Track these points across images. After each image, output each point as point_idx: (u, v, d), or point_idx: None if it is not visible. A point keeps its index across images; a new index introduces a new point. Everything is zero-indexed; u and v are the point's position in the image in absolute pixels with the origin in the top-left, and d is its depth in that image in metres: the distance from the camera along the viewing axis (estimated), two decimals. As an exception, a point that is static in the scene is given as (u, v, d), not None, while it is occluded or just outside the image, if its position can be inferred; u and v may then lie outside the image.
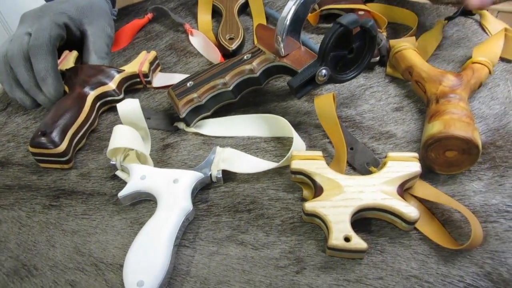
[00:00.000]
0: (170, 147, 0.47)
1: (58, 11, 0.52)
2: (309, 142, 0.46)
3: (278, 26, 0.44)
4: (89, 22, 0.55)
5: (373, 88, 0.52)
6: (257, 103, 0.51)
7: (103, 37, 0.56)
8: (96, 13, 0.56)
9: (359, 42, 0.44)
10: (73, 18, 0.53)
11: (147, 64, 0.52)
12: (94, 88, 0.49)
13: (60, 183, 0.45)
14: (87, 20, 0.55)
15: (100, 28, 0.56)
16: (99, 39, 0.55)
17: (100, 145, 0.48)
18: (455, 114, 0.41)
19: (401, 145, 0.45)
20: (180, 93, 0.47)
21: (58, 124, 0.44)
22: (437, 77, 0.46)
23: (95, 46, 0.54)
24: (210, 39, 0.59)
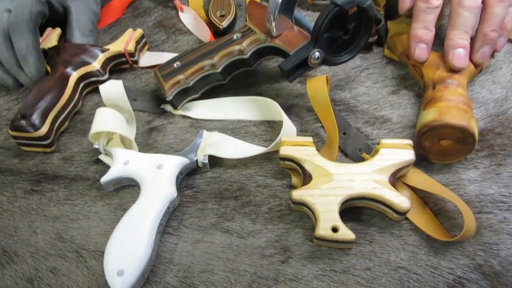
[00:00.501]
0: (156, 131, 0.45)
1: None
2: (300, 126, 0.44)
3: (269, 4, 0.42)
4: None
5: (369, 69, 0.49)
6: (248, 85, 0.49)
7: (87, 14, 0.53)
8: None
9: (356, 23, 0.42)
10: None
11: (133, 43, 0.50)
12: (77, 68, 0.47)
13: (42, 167, 0.43)
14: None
15: (84, 4, 0.53)
16: (83, 15, 0.52)
17: (84, 128, 0.46)
18: (452, 101, 0.39)
19: (396, 130, 0.43)
20: (166, 74, 0.45)
21: (38, 106, 0.42)
22: (435, 61, 0.44)
23: (79, 23, 0.52)
24: (201, 16, 0.56)
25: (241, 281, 0.34)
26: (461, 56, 0.41)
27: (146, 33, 0.56)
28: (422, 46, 0.43)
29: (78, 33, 0.51)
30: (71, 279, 0.35)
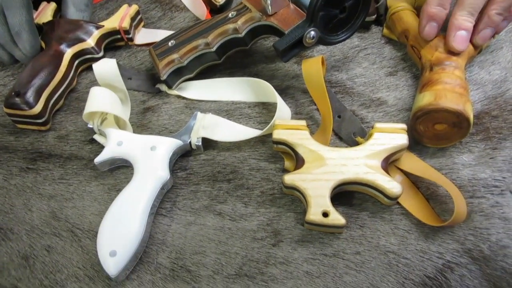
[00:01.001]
0: (151, 111, 0.45)
1: None
2: (295, 108, 0.44)
3: None
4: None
5: (367, 50, 0.49)
6: (243, 65, 0.48)
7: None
8: None
9: (353, 0, 0.41)
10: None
11: (128, 20, 0.49)
12: (71, 45, 0.46)
13: (38, 145, 0.43)
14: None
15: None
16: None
17: (79, 106, 0.46)
18: (448, 84, 0.38)
19: (391, 113, 0.43)
20: (161, 53, 0.44)
21: (32, 84, 0.42)
22: (434, 42, 0.43)
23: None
24: (198, -9, 0.55)
25: (232, 263, 0.35)
26: (463, 38, 0.40)
27: (142, 9, 0.55)
28: (433, 24, 0.42)
29: (73, 8, 0.50)
30: (65, 258, 0.36)
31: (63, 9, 0.51)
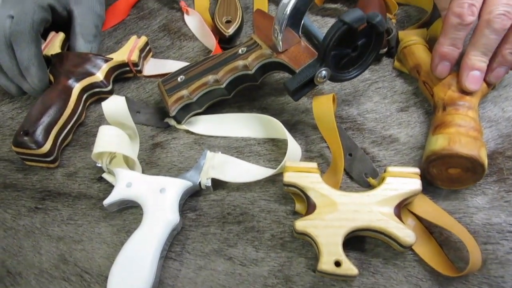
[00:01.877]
0: (160, 147, 0.45)
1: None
2: (305, 145, 0.44)
3: (276, 18, 0.40)
4: (76, 2, 0.51)
5: (378, 83, 0.48)
6: (252, 98, 0.48)
7: (91, 18, 0.52)
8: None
9: (365, 39, 0.41)
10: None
11: (137, 52, 0.48)
12: (80, 79, 0.46)
13: (46, 183, 0.43)
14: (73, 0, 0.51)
15: (88, 7, 0.52)
16: (86, 20, 0.51)
17: (87, 141, 0.46)
18: (462, 127, 0.38)
19: (403, 151, 0.42)
20: (170, 88, 0.44)
21: (41, 122, 0.42)
22: (446, 80, 0.42)
23: (82, 28, 0.50)
24: (206, 19, 0.55)
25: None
26: (477, 79, 0.40)
27: (150, 38, 0.55)
28: (445, 63, 0.41)
29: (81, 39, 0.50)
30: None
31: (71, 40, 0.51)
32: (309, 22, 0.53)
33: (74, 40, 0.50)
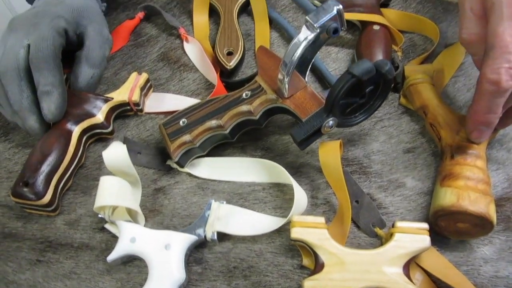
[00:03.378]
0: (162, 192, 0.44)
1: (54, 16, 0.46)
2: (311, 191, 0.43)
3: (282, 63, 0.39)
4: (85, 25, 0.49)
5: (384, 121, 0.47)
6: (256, 137, 0.47)
7: (99, 42, 0.50)
8: (91, 15, 0.50)
9: (373, 86, 0.40)
10: (70, 22, 0.47)
11: (138, 91, 0.47)
12: (79, 121, 0.45)
13: (47, 233, 0.42)
14: (83, 23, 0.49)
15: (97, 32, 0.50)
16: (95, 44, 0.49)
17: (88, 185, 0.45)
18: (470, 180, 0.37)
19: (410, 197, 0.42)
20: (172, 132, 0.43)
21: (41, 171, 0.41)
22: (454, 124, 0.42)
23: (89, 53, 0.48)
24: (206, 48, 0.53)
25: None
26: (484, 133, 0.38)
27: (149, 68, 0.54)
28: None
29: (86, 65, 0.48)
30: None
31: (75, 65, 0.48)
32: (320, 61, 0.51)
33: (78, 65, 0.48)
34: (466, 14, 0.36)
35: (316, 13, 0.37)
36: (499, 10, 0.32)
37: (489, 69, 0.33)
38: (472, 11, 0.35)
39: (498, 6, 0.32)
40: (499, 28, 0.32)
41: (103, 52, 0.50)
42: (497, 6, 0.32)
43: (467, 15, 0.36)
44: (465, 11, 0.36)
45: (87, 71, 0.48)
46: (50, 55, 0.43)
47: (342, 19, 0.38)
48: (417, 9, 0.57)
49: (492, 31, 0.33)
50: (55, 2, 0.48)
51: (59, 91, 0.43)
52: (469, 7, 0.35)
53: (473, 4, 0.35)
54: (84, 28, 0.49)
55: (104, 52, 0.50)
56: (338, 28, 0.38)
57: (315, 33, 0.37)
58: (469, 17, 0.35)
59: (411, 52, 0.53)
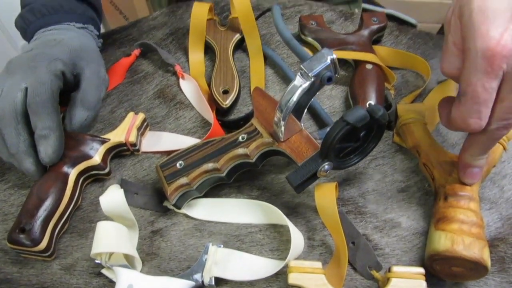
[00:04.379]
0: (159, 235, 0.44)
1: (52, 58, 0.46)
2: (307, 232, 0.43)
3: (279, 107, 0.40)
4: (82, 66, 0.49)
5: (378, 160, 0.48)
6: (252, 177, 0.47)
7: (95, 84, 0.50)
8: (89, 55, 0.51)
9: (367, 130, 0.40)
10: (68, 64, 0.47)
11: (135, 131, 0.47)
12: (76, 164, 0.45)
13: (43, 278, 0.42)
14: (80, 64, 0.49)
15: (93, 73, 0.50)
16: (91, 86, 0.49)
17: (84, 227, 0.45)
18: (464, 223, 0.38)
19: (405, 238, 0.42)
20: (169, 175, 0.43)
21: (38, 217, 0.41)
22: (447, 165, 0.42)
23: (84, 94, 0.49)
24: (202, 86, 0.54)
25: None
26: (475, 175, 0.39)
27: (145, 106, 0.54)
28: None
29: (81, 106, 0.48)
30: None
31: (70, 105, 0.48)
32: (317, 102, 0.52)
33: (73, 106, 0.48)
34: (449, 48, 0.35)
35: (310, 61, 0.38)
36: (474, 60, 0.32)
37: (458, 114, 0.35)
38: (454, 45, 0.35)
39: (474, 55, 0.32)
40: (473, 78, 0.32)
41: (99, 94, 0.50)
42: (473, 55, 0.32)
43: (449, 49, 0.35)
44: (448, 44, 0.35)
45: (81, 113, 0.48)
46: (48, 99, 0.43)
47: (336, 67, 0.39)
48: (408, 45, 0.59)
49: (466, 78, 0.33)
50: (52, 43, 0.49)
51: (57, 134, 0.43)
52: (452, 41, 0.35)
53: (456, 38, 0.34)
54: (81, 69, 0.49)
55: (99, 94, 0.50)
56: (332, 77, 0.38)
57: (310, 82, 0.38)
58: (451, 51, 0.35)
59: (403, 89, 0.54)
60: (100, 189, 0.47)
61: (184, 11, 0.64)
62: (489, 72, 0.31)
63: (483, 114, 0.33)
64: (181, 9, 0.65)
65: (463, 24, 0.33)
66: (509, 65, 0.31)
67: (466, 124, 0.34)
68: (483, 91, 0.32)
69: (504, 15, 0.31)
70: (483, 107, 0.33)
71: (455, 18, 0.34)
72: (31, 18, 0.52)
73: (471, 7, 0.32)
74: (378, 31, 0.56)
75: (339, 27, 0.61)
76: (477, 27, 0.31)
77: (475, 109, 0.33)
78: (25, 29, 0.53)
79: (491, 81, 0.32)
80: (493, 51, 0.30)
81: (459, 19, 0.34)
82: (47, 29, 0.52)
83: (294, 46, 0.52)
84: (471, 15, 0.32)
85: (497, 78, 0.32)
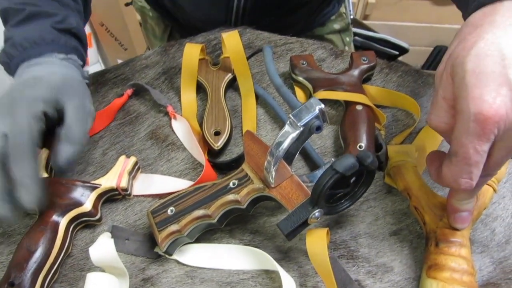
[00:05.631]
0: (150, 283, 0.43)
1: (32, 99, 0.45)
2: (299, 278, 0.43)
3: (269, 154, 0.40)
4: (64, 101, 0.47)
5: (370, 202, 0.48)
6: (244, 220, 0.47)
7: (80, 118, 0.48)
8: (72, 88, 0.49)
9: (356, 176, 0.41)
10: (49, 101, 0.46)
11: (126, 176, 0.47)
12: (66, 212, 0.45)
13: (32, 330, 0.41)
14: (63, 99, 0.47)
15: (77, 107, 0.48)
16: (75, 121, 0.47)
17: (74, 276, 0.44)
18: (456, 271, 0.38)
19: (398, 283, 0.42)
20: (160, 222, 0.43)
21: (28, 270, 0.40)
22: (437, 209, 0.43)
23: (69, 130, 0.47)
24: (193, 127, 0.54)
25: None
26: (464, 219, 0.40)
27: (137, 148, 0.54)
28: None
29: (66, 142, 0.46)
30: None
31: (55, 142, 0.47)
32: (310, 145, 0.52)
33: (58, 142, 0.46)
34: (438, 102, 0.35)
35: (299, 111, 0.38)
36: (467, 123, 0.32)
37: (449, 173, 0.35)
38: (444, 100, 0.35)
39: (467, 118, 0.32)
40: (465, 140, 0.32)
41: (85, 127, 0.48)
42: (466, 118, 0.32)
43: (438, 102, 0.35)
44: (438, 98, 0.35)
45: (67, 149, 0.46)
46: (27, 147, 0.42)
47: (324, 116, 0.39)
48: (398, 83, 0.59)
49: (458, 139, 0.33)
50: (32, 82, 0.47)
51: (36, 182, 0.42)
52: (442, 96, 0.35)
53: (446, 93, 0.34)
54: (63, 104, 0.47)
55: (85, 127, 0.48)
56: (321, 126, 0.39)
57: (299, 131, 0.38)
58: (440, 105, 0.35)
59: (394, 128, 0.55)
60: (91, 235, 0.47)
61: (176, 50, 0.65)
62: (481, 135, 0.31)
63: (474, 174, 0.33)
64: (173, 48, 0.65)
65: (456, 84, 0.33)
66: (500, 129, 0.31)
67: (457, 184, 0.34)
68: (474, 153, 0.32)
69: (497, 79, 0.31)
70: (474, 168, 0.33)
71: (447, 75, 0.35)
72: (13, 53, 0.51)
73: (465, 68, 0.32)
74: (368, 70, 0.57)
75: (329, 65, 0.62)
76: (471, 90, 0.31)
77: (466, 170, 0.33)
78: (8, 63, 0.52)
79: (482, 144, 0.32)
80: (485, 115, 0.31)
81: (452, 77, 0.34)
82: (30, 62, 0.50)
83: (284, 94, 0.53)
84: (465, 77, 0.32)
85: (489, 141, 0.32)
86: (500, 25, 0.33)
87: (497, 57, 0.31)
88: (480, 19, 0.35)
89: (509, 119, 0.31)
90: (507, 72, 0.31)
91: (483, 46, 0.32)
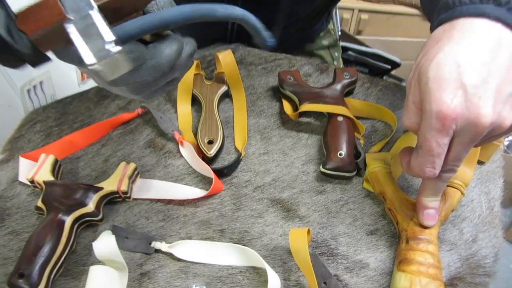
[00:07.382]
0: (147, 277, 0.47)
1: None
2: (283, 273, 0.47)
3: None
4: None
5: (349, 204, 0.52)
6: (234, 218, 0.51)
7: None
8: None
9: None
10: None
11: (126, 181, 0.52)
12: (71, 211, 0.49)
13: (39, 320, 0.45)
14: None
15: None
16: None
17: (77, 270, 0.48)
18: (422, 265, 0.42)
19: (373, 278, 0.46)
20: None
21: (36, 262, 0.44)
22: (408, 210, 0.47)
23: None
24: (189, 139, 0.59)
25: None
26: (432, 216, 0.45)
27: (136, 155, 0.59)
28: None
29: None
30: None
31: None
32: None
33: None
34: (409, 105, 0.41)
35: None
36: (430, 120, 0.37)
37: (416, 164, 0.41)
38: (414, 104, 0.40)
39: (430, 116, 0.37)
40: (428, 135, 0.38)
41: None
42: (429, 116, 0.37)
43: (409, 106, 0.41)
44: (408, 102, 0.41)
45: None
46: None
47: None
48: (378, 96, 0.64)
49: (423, 135, 0.39)
50: None
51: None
52: (412, 100, 0.40)
53: (415, 98, 0.40)
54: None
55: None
56: None
57: None
58: (410, 108, 0.41)
59: (373, 137, 0.59)
60: (93, 234, 0.51)
61: (174, 65, 0.70)
62: (442, 130, 0.37)
63: (436, 164, 0.39)
64: (171, 63, 0.70)
65: (421, 88, 0.39)
66: (458, 125, 0.37)
67: (422, 172, 0.40)
68: (436, 146, 0.38)
69: (454, 84, 0.37)
70: (437, 159, 0.39)
71: (414, 82, 0.40)
72: None
73: (428, 75, 0.38)
74: (349, 85, 0.62)
75: (315, 79, 0.67)
76: (433, 93, 0.37)
77: (430, 160, 0.39)
78: None
79: (443, 138, 0.38)
80: (445, 113, 0.36)
81: (418, 84, 0.40)
82: None
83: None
84: (428, 82, 0.38)
85: (448, 135, 0.38)
86: (456, 39, 0.38)
87: (453, 65, 0.37)
88: (440, 34, 0.41)
89: (465, 117, 0.36)
90: (462, 78, 0.36)
91: (442, 57, 0.38)
